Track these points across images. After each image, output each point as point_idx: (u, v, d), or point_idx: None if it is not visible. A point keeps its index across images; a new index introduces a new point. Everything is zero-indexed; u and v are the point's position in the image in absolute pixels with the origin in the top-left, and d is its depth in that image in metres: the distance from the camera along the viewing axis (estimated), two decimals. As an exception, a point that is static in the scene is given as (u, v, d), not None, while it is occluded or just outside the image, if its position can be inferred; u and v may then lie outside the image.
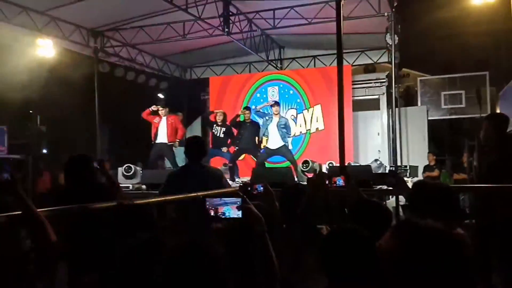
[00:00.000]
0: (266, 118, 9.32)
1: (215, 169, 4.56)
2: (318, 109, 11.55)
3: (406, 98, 12.58)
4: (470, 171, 8.34)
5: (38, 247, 2.01)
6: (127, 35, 10.31)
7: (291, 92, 11.86)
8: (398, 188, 3.91)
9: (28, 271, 1.98)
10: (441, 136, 13.13)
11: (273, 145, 9.15)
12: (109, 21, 9.77)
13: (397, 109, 9.75)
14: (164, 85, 12.28)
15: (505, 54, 12.64)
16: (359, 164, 9.70)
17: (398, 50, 9.27)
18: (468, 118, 11.61)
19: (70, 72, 9.57)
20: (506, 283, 3.63)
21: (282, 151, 9.21)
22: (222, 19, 9.19)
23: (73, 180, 3.78)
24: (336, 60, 5.38)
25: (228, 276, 1.59)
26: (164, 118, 9.34)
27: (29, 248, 2.04)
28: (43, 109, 12.12)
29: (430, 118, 11.68)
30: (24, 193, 2.09)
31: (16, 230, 2.08)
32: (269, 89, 12.07)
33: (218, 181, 4.06)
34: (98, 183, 3.91)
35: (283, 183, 3.82)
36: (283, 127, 9.10)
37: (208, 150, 7.65)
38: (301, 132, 11.66)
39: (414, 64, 12.95)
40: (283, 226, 2.80)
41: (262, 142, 9.55)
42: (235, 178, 8.73)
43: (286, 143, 9.12)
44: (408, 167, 9.64)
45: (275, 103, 9.53)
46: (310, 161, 8.70)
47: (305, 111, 11.69)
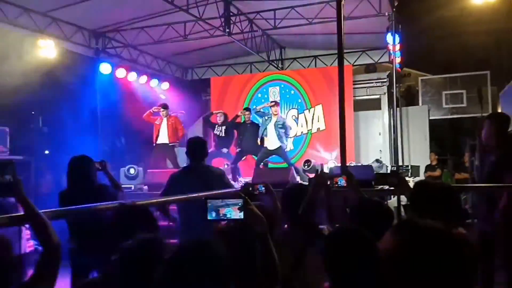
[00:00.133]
0: (265, 118, 9.32)
1: (217, 168, 4.56)
2: (319, 109, 11.55)
3: (407, 98, 12.57)
4: (472, 171, 8.34)
5: (41, 248, 2.02)
6: (129, 36, 10.32)
7: (292, 92, 11.86)
8: (399, 188, 3.91)
9: (29, 273, 1.98)
10: (442, 135, 13.12)
11: (270, 145, 9.16)
12: (110, 22, 9.78)
13: (398, 108, 9.75)
14: (165, 86, 12.29)
15: (506, 54, 12.62)
16: (361, 164, 9.69)
17: (399, 50, 9.26)
18: (469, 118, 11.60)
19: (71, 73, 9.61)
20: (508, 283, 3.63)
21: (279, 153, 9.21)
22: (223, 20, 9.20)
23: (75, 181, 3.81)
24: (337, 60, 5.37)
25: (230, 276, 1.60)
26: (165, 119, 9.36)
27: (31, 249, 2.05)
28: (45, 110, 12.15)
29: (431, 118, 11.67)
30: (26, 194, 2.10)
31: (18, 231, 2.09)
32: (270, 89, 12.07)
33: (220, 180, 4.06)
34: (100, 184, 3.94)
35: (285, 183, 3.83)
36: (281, 127, 9.09)
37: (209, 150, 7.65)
38: (302, 132, 11.65)
39: (415, 63, 12.93)
40: (285, 226, 2.81)
41: (263, 143, 9.55)
42: (237, 178, 8.74)
43: (282, 144, 9.11)
44: (409, 167, 9.63)
45: (275, 103, 9.53)
46: (312, 160, 8.71)
47: (306, 111, 11.69)
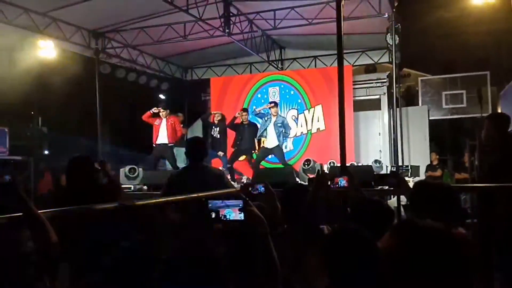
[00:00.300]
0: (265, 119, 9.34)
1: (217, 169, 4.56)
2: (319, 109, 11.55)
3: (407, 98, 12.56)
4: (472, 171, 8.32)
5: (39, 248, 2.01)
6: (128, 36, 10.31)
7: (292, 92, 11.85)
8: (399, 188, 3.90)
9: (29, 272, 1.98)
10: (442, 136, 13.12)
11: (269, 144, 9.20)
12: (110, 22, 9.78)
13: (398, 109, 9.73)
14: (165, 86, 12.29)
15: (506, 54, 12.61)
16: (361, 164, 9.69)
17: (399, 50, 9.26)
18: (469, 118, 11.59)
19: (71, 73, 9.60)
20: (508, 283, 3.62)
21: (275, 152, 9.23)
22: (222, 20, 9.19)
23: (74, 181, 3.79)
24: (336, 60, 5.36)
25: (229, 277, 1.59)
26: (164, 119, 9.37)
27: (30, 249, 2.04)
28: (44, 110, 12.15)
29: (431, 118, 11.67)
30: (25, 194, 2.10)
31: (17, 232, 2.09)
32: (270, 89, 12.06)
33: (220, 181, 4.05)
34: (100, 184, 3.92)
35: (284, 183, 3.82)
36: (280, 126, 9.13)
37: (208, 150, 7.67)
38: (302, 132, 11.65)
39: (415, 64, 12.92)
40: (285, 226, 2.81)
41: (260, 144, 9.57)
42: (239, 177, 8.76)
43: (280, 144, 9.14)
44: (409, 167, 9.62)
45: (274, 104, 9.53)
46: (312, 160, 8.71)
47: (306, 112, 11.69)
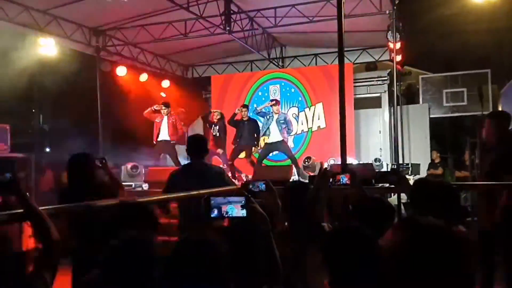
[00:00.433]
0: (267, 118, 9.35)
1: (218, 167, 4.57)
2: (319, 107, 11.55)
3: (408, 96, 12.55)
4: (472, 169, 8.32)
5: (40, 246, 2.02)
6: (129, 34, 10.31)
7: (293, 90, 11.85)
8: (400, 186, 3.91)
9: (29, 270, 1.98)
10: (443, 134, 13.11)
11: (272, 139, 9.23)
12: (111, 20, 9.77)
13: (398, 107, 9.73)
14: (166, 84, 12.28)
15: (507, 52, 12.59)
16: (362, 162, 9.70)
17: (400, 48, 9.24)
18: (470, 116, 11.59)
19: (72, 71, 9.60)
20: (509, 280, 3.63)
21: (279, 147, 9.25)
22: (223, 18, 9.18)
23: (75, 178, 3.80)
24: (337, 58, 5.36)
25: (230, 274, 1.60)
26: (165, 117, 9.37)
27: (31, 246, 2.05)
28: (45, 108, 12.15)
29: (432, 116, 11.68)
30: (26, 192, 2.10)
31: (18, 229, 2.09)
32: (270, 87, 12.06)
33: (221, 178, 4.06)
34: (101, 181, 3.93)
35: (285, 181, 3.83)
36: (283, 122, 9.18)
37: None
38: (302, 130, 11.65)
39: (416, 62, 12.90)
40: (285, 223, 2.81)
41: (261, 142, 9.58)
42: (239, 174, 8.77)
43: (284, 138, 9.17)
44: (410, 165, 9.64)
45: (276, 102, 9.55)
46: (312, 157, 8.73)
47: (306, 109, 11.69)
